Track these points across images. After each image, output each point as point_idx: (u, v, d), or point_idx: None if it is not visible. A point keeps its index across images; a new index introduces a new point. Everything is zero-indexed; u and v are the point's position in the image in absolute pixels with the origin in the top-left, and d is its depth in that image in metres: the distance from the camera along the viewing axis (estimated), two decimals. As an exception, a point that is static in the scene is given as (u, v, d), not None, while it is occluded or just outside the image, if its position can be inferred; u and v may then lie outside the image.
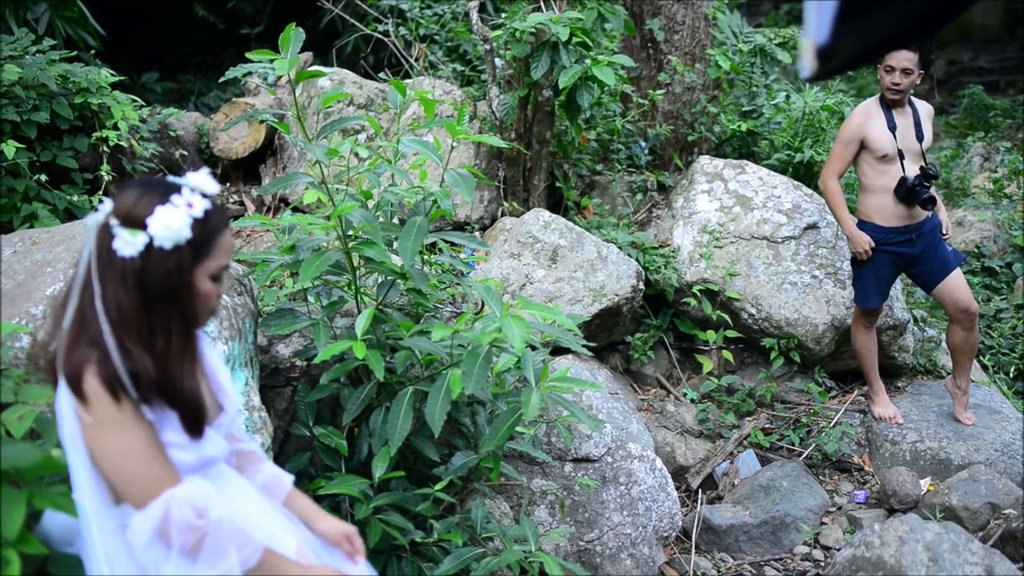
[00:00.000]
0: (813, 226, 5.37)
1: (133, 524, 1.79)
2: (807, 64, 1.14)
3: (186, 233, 1.79)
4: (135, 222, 1.78)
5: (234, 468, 2.17)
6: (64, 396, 1.80)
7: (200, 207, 1.82)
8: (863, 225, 4.71)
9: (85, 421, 1.76)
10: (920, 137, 4.63)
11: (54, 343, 1.84)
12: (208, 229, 1.84)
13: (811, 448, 4.89)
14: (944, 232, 4.74)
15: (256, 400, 3.13)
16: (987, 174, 8.54)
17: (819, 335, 5.12)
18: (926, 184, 4.54)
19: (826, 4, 1.06)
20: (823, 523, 4.45)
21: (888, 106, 4.63)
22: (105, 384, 1.75)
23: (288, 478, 2.26)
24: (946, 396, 5.03)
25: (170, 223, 1.77)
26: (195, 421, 1.89)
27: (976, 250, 7.00)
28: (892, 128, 4.59)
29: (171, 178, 1.87)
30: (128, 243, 1.77)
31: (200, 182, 1.86)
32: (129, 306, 1.78)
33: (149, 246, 1.78)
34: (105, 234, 1.80)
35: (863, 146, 4.64)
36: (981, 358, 5.96)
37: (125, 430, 1.77)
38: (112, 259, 1.78)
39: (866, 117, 4.65)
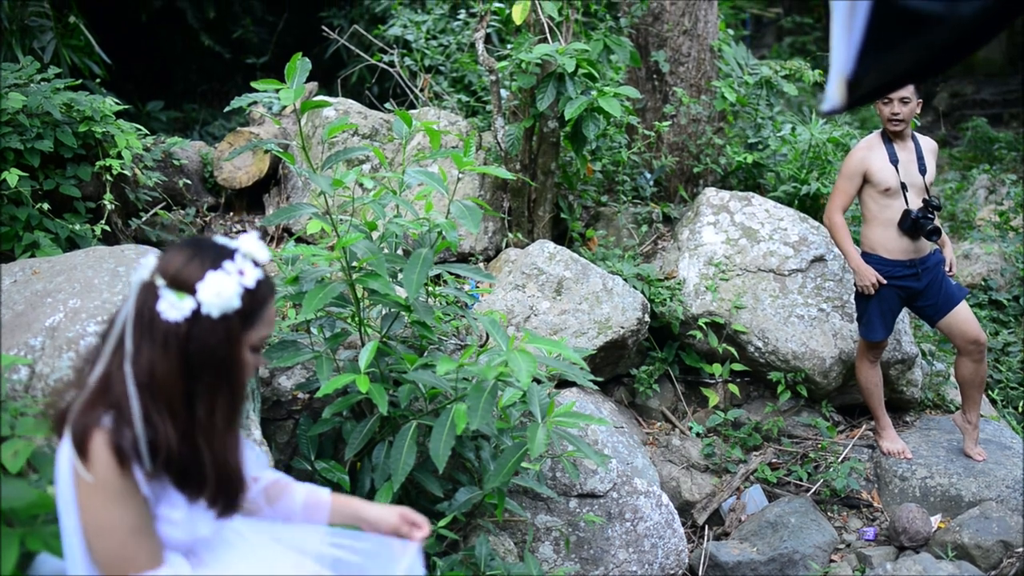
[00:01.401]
0: (820, 259, 5.33)
1: None
2: (835, 95, 1.11)
3: (235, 303, 1.72)
4: (183, 285, 1.70)
5: (264, 504, 2.11)
6: (65, 454, 1.72)
7: (252, 277, 1.75)
8: (867, 257, 4.68)
9: (82, 481, 1.68)
10: (923, 171, 4.62)
11: (71, 396, 1.76)
12: (257, 299, 1.77)
13: (819, 484, 4.82)
14: (948, 269, 4.71)
15: (257, 433, 3.09)
16: (993, 206, 8.52)
17: (826, 369, 5.07)
18: (930, 215, 4.53)
19: (853, 37, 1.04)
20: (832, 561, 4.37)
21: (890, 140, 4.62)
22: (114, 451, 1.67)
23: (324, 492, 2.18)
24: (955, 431, 4.97)
25: (220, 291, 1.70)
26: (231, 500, 1.83)
27: (983, 283, 6.96)
28: (894, 161, 4.57)
29: (222, 241, 1.79)
30: (174, 307, 1.69)
31: (252, 248, 1.78)
32: (164, 372, 1.69)
33: (196, 313, 1.70)
34: (149, 294, 1.71)
35: (866, 180, 4.63)
36: (990, 392, 5.90)
37: (115, 504, 1.69)
38: (154, 321, 1.70)
39: (868, 151, 4.64)
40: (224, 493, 1.81)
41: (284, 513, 2.13)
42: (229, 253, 1.76)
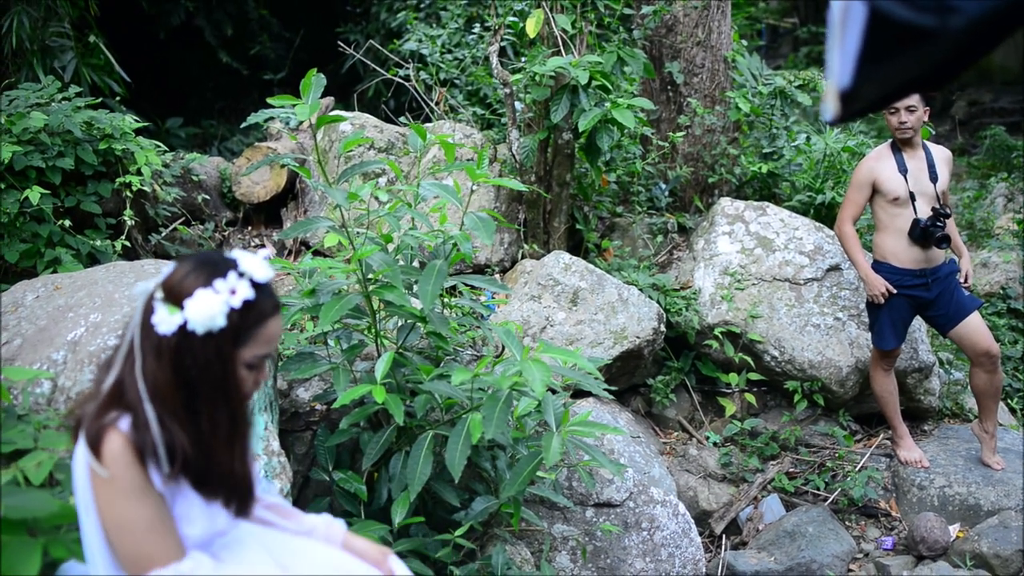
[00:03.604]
0: (835, 268, 5.33)
1: None
2: (830, 107, 1.13)
3: (220, 322, 1.74)
4: (175, 299, 1.75)
5: (278, 519, 2.14)
6: (80, 457, 1.77)
7: (241, 296, 1.76)
8: (878, 265, 4.69)
9: (98, 480, 1.73)
10: (934, 179, 4.62)
11: (90, 403, 1.82)
12: (249, 319, 1.78)
13: (837, 493, 4.81)
14: (964, 279, 4.70)
15: (275, 444, 3.12)
16: (1011, 215, 8.47)
17: (843, 377, 5.07)
18: (939, 224, 4.53)
19: (848, 47, 1.05)
20: (850, 570, 4.36)
21: (899, 149, 4.64)
22: (133, 450, 1.72)
23: (340, 522, 2.21)
24: (974, 440, 4.96)
25: (205, 309, 1.73)
26: (243, 503, 1.88)
27: (1001, 291, 6.92)
28: (903, 171, 4.59)
29: (227, 256, 1.82)
30: (164, 321, 1.74)
31: (252, 268, 1.80)
32: (163, 381, 1.75)
33: (183, 328, 1.74)
34: (149, 305, 1.77)
35: (875, 190, 4.65)
36: (1009, 401, 5.86)
37: (131, 501, 1.73)
38: (150, 332, 1.75)
39: (877, 161, 4.67)
40: (236, 497, 1.87)
41: (305, 529, 2.16)
42: (224, 270, 1.78)
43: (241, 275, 1.79)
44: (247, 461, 1.88)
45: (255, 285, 1.80)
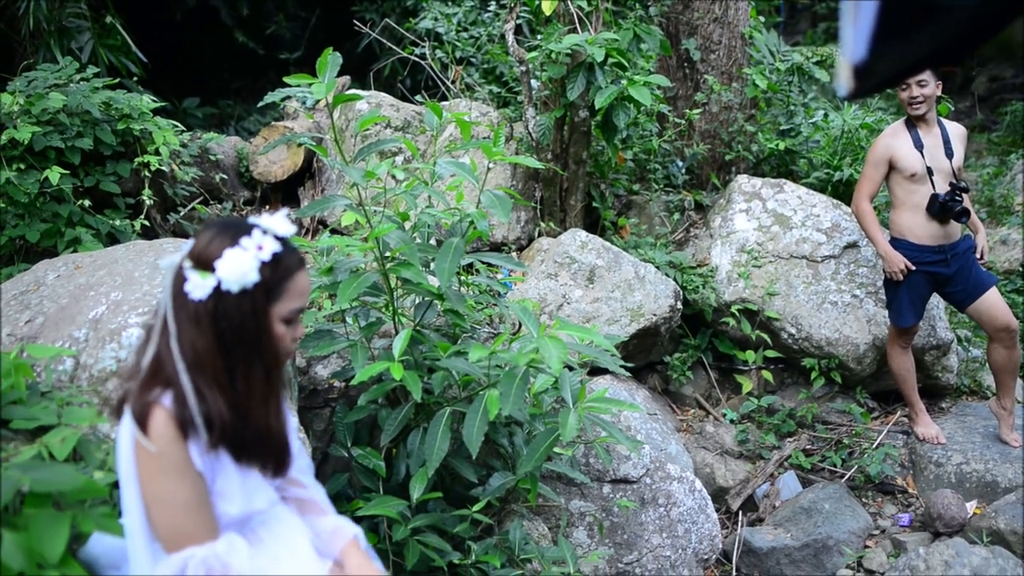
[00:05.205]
0: (853, 245, 5.31)
1: (159, 567, 1.81)
2: (844, 83, 1.12)
3: (253, 277, 1.78)
4: (205, 264, 1.78)
5: (297, 511, 2.15)
6: (125, 431, 1.80)
7: (269, 250, 1.81)
8: (896, 243, 4.67)
9: (141, 454, 1.76)
10: (950, 155, 4.60)
11: (131, 381, 1.85)
12: (278, 272, 1.83)
13: (853, 470, 4.82)
14: (980, 256, 4.68)
15: (294, 421, 3.14)
16: (1031, 191, 8.41)
17: (860, 355, 5.06)
18: (958, 198, 4.51)
19: (862, 22, 1.05)
20: (867, 546, 4.37)
21: (914, 125, 4.61)
22: (177, 425, 1.76)
23: (351, 529, 2.18)
24: (991, 417, 4.94)
25: (237, 266, 1.77)
26: (280, 462, 1.92)
27: (1021, 268, 6.89)
28: (919, 147, 4.57)
29: (249, 219, 1.86)
30: (198, 286, 1.77)
31: (273, 224, 1.85)
32: (204, 348, 1.78)
33: (217, 289, 1.78)
34: (179, 276, 1.81)
35: (892, 166, 4.63)
36: (1027, 378, 5.84)
37: (170, 478, 1.77)
38: (185, 301, 1.79)
39: (893, 138, 4.65)
40: (272, 456, 1.91)
41: (312, 530, 2.17)
42: (247, 230, 1.83)
43: (265, 232, 1.83)
44: (282, 419, 1.93)
45: (279, 240, 1.85)
